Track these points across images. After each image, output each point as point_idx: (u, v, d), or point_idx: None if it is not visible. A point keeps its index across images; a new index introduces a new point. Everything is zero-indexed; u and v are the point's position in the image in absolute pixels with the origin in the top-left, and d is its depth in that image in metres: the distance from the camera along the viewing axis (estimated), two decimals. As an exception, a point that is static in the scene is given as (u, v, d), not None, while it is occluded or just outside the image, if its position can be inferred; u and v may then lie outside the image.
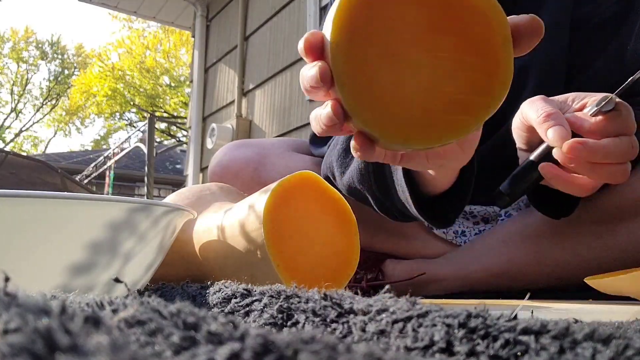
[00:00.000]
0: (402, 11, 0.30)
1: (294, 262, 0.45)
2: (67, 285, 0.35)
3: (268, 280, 0.43)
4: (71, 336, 0.11)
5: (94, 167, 6.85)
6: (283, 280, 0.44)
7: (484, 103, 0.31)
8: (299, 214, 0.46)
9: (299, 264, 0.46)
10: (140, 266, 0.40)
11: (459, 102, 0.31)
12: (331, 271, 0.48)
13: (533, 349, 0.15)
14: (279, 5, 2.95)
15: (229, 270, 0.48)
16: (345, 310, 0.20)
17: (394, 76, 0.30)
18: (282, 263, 0.44)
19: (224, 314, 0.27)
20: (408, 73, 0.30)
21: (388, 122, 0.31)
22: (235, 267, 0.48)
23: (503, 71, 0.31)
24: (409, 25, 0.30)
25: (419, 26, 0.30)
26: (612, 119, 0.45)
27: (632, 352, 0.15)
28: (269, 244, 0.43)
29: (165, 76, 12.47)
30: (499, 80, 0.31)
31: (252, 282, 0.44)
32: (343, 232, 0.48)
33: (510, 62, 0.31)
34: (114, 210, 0.35)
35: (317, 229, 0.47)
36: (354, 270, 0.49)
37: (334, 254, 0.47)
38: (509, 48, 0.31)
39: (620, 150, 0.44)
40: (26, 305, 0.12)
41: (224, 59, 3.56)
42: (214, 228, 0.50)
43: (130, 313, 0.15)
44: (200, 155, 3.70)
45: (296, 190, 0.46)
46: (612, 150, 0.44)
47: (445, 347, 0.16)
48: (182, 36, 11.69)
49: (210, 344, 0.13)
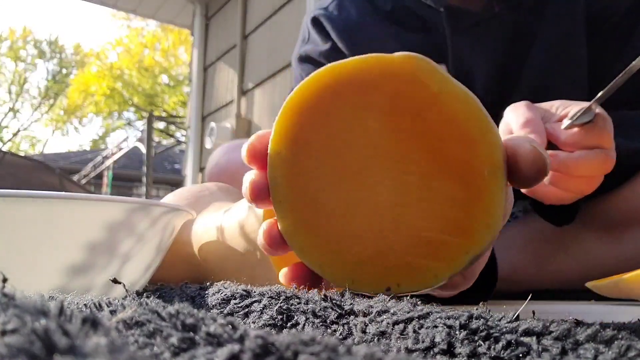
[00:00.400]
0: (361, 119, 0.24)
1: (293, 263, 0.45)
2: (65, 286, 0.35)
3: (268, 282, 0.43)
4: (69, 337, 0.10)
5: (92, 167, 6.85)
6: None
7: (461, 247, 0.23)
8: None
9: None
10: (139, 267, 0.40)
11: (426, 241, 0.23)
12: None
13: (535, 351, 0.15)
14: (278, 4, 2.95)
15: (228, 271, 0.48)
16: (346, 312, 0.20)
17: (343, 200, 0.24)
18: (282, 264, 0.44)
19: (222, 315, 0.27)
20: (362, 197, 0.24)
21: (331, 257, 0.25)
22: (234, 268, 0.47)
23: (487, 208, 0.23)
24: (369, 137, 0.24)
25: (382, 140, 0.24)
26: (587, 131, 0.44)
27: (634, 353, 0.15)
28: None
29: (164, 75, 12.46)
30: (481, 219, 0.23)
31: (251, 284, 0.44)
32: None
33: (499, 197, 0.23)
34: (112, 210, 0.35)
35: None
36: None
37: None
38: (499, 180, 0.23)
39: (591, 164, 0.44)
40: (24, 306, 0.12)
41: (223, 57, 3.56)
42: (213, 229, 0.50)
43: (129, 314, 0.15)
44: (199, 155, 3.69)
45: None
46: (583, 164, 0.44)
47: (447, 348, 0.16)
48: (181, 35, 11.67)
49: (210, 346, 0.13)
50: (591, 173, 0.45)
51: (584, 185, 0.46)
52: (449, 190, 0.23)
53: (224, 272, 0.48)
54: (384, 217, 0.24)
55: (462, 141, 0.23)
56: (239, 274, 0.46)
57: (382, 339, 0.17)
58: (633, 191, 0.56)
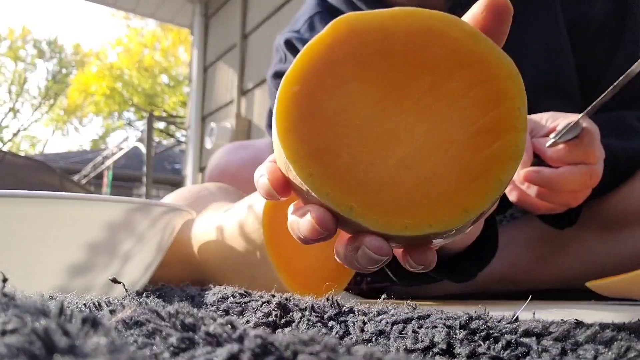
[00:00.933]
0: (381, 63, 0.24)
1: (293, 263, 0.45)
2: (65, 285, 0.35)
3: (268, 282, 0.43)
4: (69, 337, 0.10)
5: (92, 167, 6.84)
6: (283, 281, 0.43)
7: (490, 182, 0.23)
8: None
9: (299, 265, 0.45)
10: (139, 266, 0.40)
11: (454, 178, 0.24)
12: (332, 271, 0.48)
13: (535, 351, 0.15)
14: (278, 3, 2.95)
15: (228, 271, 0.48)
16: (344, 311, 0.20)
17: (367, 141, 0.24)
18: (282, 264, 0.44)
19: (218, 312, 0.27)
20: (390, 131, 0.24)
21: (362, 199, 0.23)
22: (234, 268, 0.47)
23: (516, 141, 0.23)
24: (386, 79, 0.24)
25: (401, 80, 0.24)
26: (572, 148, 0.45)
27: (634, 354, 0.15)
28: (268, 244, 0.43)
29: (163, 75, 12.46)
30: (509, 152, 0.23)
31: (251, 283, 0.44)
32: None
33: (525, 132, 0.24)
34: (112, 210, 0.35)
35: None
36: (354, 271, 0.49)
37: (334, 254, 0.47)
38: (525, 117, 0.24)
39: (575, 180, 0.45)
40: (24, 306, 0.12)
41: (223, 57, 3.56)
42: (213, 229, 0.50)
43: (129, 314, 0.15)
44: (199, 155, 3.69)
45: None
46: (567, 180, 0.45)
47: (446, 348, 0.16)
48: (180, 34, 11.67)
49: (209, 346, 0.13)
50: (575, 188, 0.46)
51: (570, 199, 0.47)
52: (477, 123, 0.24)
53: (224, 272, 0.48)
54: (411, 157, 0.24)
55: (494, 79, 0.24)
56: (239, 274, 0.46)
57: (381, 339, 0.17)
58: (632, 190, 0.56)
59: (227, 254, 0.48)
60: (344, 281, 0.49)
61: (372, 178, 0.24)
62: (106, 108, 12.87)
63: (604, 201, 0.57)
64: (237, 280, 0.45)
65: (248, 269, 0.45)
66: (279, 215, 0.44)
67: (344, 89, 0.24)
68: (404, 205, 0.23)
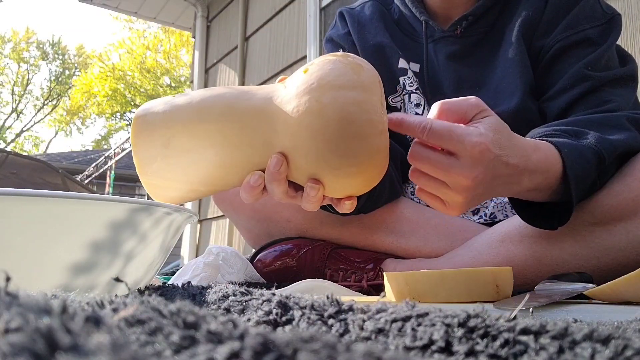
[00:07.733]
0: None
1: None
2: (68, 284, 0.35)
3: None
4: (72, 336, 0.11)
5: (95, 167, 6.85)
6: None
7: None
8: None
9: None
10: (142, 266, 0.41)
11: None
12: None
13: (532, 349, 0.15)
14: (279, 6, 2.95)
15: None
16: (343, 309, 0.20)
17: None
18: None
19: (220, 310, 0.27)
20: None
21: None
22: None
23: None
24: None
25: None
26: (446, 133, 0.45)
27: (631, 352, 0.15)
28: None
29: (165, 76, 12.48)
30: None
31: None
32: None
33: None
34: (115, 210, 0.36)
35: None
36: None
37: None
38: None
39: (430, 178, 0.47)
40: (27, 305, 0.12)
41: (225, 59, 3.56)
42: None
43: (131, 312, 0.15)
44: (200, 155, 3.69)
45: None
46: (431, 169, 0.46)
47: (445, 346, 0.16)
48: (182, 37, 11.69)
49: (210, 343, 0.13)
50: (435, 192, 0.47)
51: (438, 205, 0.49)
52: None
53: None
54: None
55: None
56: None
57: (380, 336, 0.18)
58: (624, 185, 0.57)
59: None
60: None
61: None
62: (109, 109, 12.90)
63: (597, 196, 0.58)
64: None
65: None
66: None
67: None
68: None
